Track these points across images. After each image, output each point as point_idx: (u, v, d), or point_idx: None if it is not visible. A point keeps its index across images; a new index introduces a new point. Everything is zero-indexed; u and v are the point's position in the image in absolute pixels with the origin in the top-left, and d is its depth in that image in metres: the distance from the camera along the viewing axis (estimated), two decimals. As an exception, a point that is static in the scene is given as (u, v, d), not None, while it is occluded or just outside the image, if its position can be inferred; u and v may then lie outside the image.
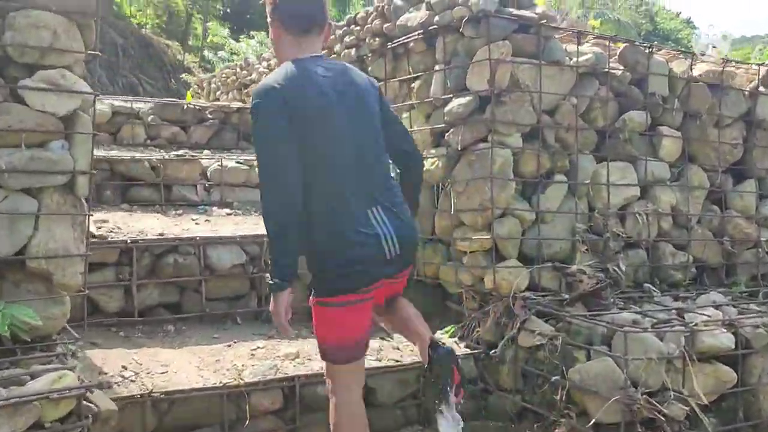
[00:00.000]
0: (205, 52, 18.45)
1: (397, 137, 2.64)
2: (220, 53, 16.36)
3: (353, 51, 4.96)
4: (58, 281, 2.80)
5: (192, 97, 10.86)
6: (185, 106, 6.24)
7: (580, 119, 4.04)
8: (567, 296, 3.77)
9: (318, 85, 2.31)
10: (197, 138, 6.21)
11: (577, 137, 3.99)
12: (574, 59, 3.99)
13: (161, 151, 5.65)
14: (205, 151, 5.87)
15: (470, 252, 3.91)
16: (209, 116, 6.32)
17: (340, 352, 2.44)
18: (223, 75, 9.68)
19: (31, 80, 2.71)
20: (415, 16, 4.21)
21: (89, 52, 2.87)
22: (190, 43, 22.14)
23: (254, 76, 8.13)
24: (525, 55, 3.83)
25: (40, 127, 2.73)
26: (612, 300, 3.81)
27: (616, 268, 4.03)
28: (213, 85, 9.98)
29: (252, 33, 15.94)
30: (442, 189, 4.09)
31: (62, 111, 2.77)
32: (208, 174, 5.30)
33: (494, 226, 3.75)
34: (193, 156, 5.36)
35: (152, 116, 6.00)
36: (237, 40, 16.38)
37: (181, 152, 5.53)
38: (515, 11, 3.80)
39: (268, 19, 2.44)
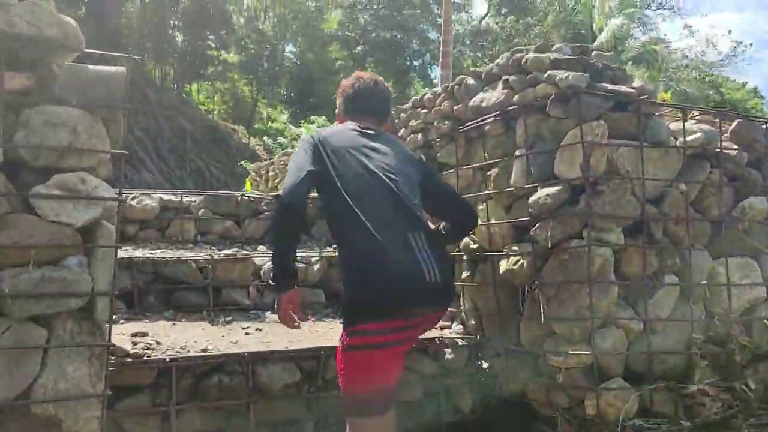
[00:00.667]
0: (265, 138, 18.60)
1: (445, 198, 3.00)
2: (280, 139, 16.35)
3: (419, 136, 4.48)
4: (70, 429, 2.30)
5: (251, 185, 10.63)
6: (239, 198, 5.85)
7: (691, 208, 3.45)
8: (688, 423, 3.16)
9: (354, 134, 2.67)
10: (252, 232, 5.78)
11: (689, 230, 3.39)
12: (680, 139, 3.44)
13: (212, 248, 5.22)
14: (260, 247, 5.42)
15: (566, 369, 3.28)
16: (265, 208, 5.90)
17: (370, 401, 2.33)
18: (281, 162, 9.40)
19: (45, 186, 2.30)
20: (491, 96, 3.73)
21: (115, 151, 2.45)
22: (255, 126, 22.61)
23: (313, 162, 7.78)
24: (623, 137, 3.29)
25: (54, 241, 2.30)
26: (746, 429, 3.11)
27: (745, 387, 3.34)
28: (271, 173, 9.69)
29: (312, 118, 15.89)
30: (528, 292, 3.51)
31: (80, 221, 2.34)
32: (262, 274, 4.82)
33: (594, 339, 3.15)
34: (245, 255, 4.90)
35: (203, 210, 5.61)
36: (297, 125, 16.36)
37: (231, 250, 5.08)
38: (610, 86, 3.28)
39: (337, 111, 2.77)
